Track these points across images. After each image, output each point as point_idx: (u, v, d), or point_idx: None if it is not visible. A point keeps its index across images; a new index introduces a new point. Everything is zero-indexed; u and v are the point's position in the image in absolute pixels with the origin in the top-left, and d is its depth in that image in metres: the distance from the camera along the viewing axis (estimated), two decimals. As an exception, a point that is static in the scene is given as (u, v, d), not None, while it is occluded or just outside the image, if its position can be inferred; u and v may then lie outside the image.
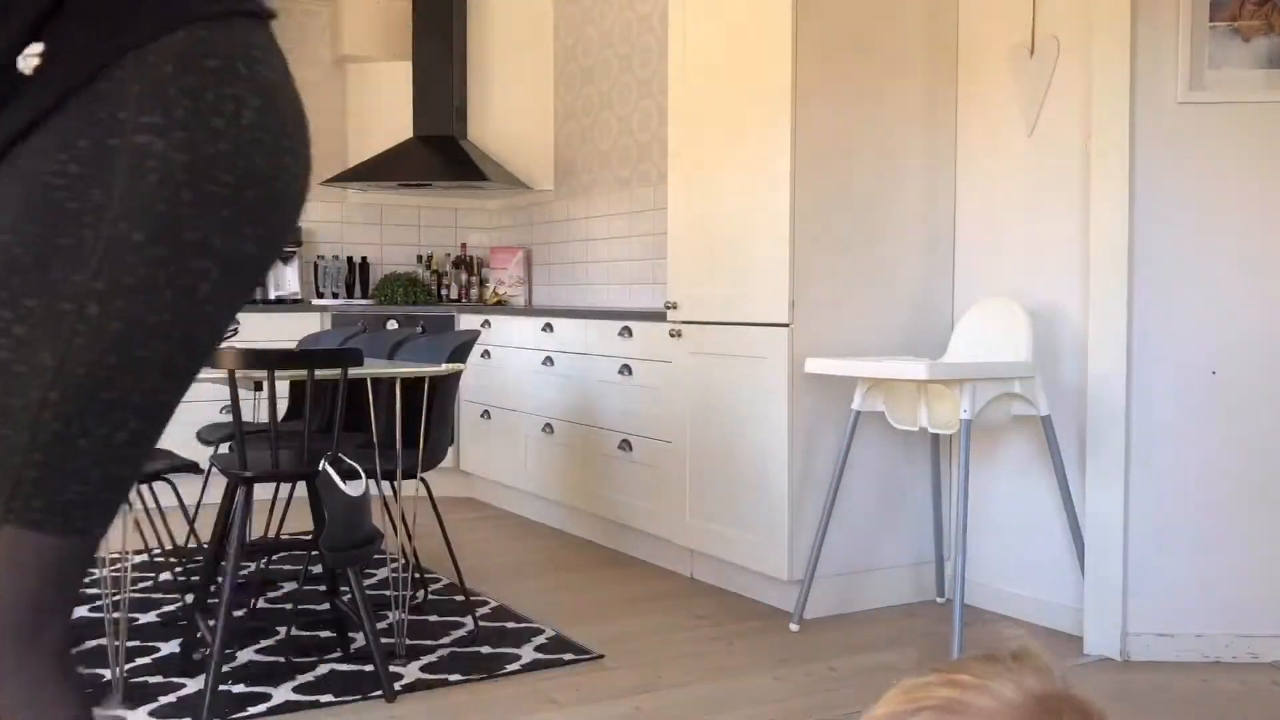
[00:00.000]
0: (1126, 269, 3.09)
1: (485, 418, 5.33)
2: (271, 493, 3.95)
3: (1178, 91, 3.05)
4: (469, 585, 3.67)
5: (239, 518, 2.83)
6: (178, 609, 3.52)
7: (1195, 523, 3.10)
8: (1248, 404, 3.07)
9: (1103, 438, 3.14)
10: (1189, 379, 3.09)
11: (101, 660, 3.01)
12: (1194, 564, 3.10)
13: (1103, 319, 3.14)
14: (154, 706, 2.73)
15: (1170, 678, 2.98)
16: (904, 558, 3.70)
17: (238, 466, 2.85)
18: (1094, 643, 3.17)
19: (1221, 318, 3.08)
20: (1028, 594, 3.49)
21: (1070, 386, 3.36)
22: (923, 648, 3.20)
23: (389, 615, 3.35)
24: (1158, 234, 3.09)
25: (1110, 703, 2.70)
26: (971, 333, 3.49)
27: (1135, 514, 3.11)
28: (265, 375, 2.79)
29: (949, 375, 3.12)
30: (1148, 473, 3.11)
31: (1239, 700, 2.82)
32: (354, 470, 2.83)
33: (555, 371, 4.75)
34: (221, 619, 2.68)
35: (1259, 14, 3.01)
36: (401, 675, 2.94)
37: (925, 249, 3.64)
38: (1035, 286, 3.45)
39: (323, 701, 2.77)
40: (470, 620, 3.43)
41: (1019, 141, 3.50)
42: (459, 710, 2.75)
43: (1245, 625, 3.09)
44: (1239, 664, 3.07)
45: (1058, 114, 3.39)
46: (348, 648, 3.15)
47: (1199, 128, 3.06)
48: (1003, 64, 3.53)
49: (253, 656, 3.10)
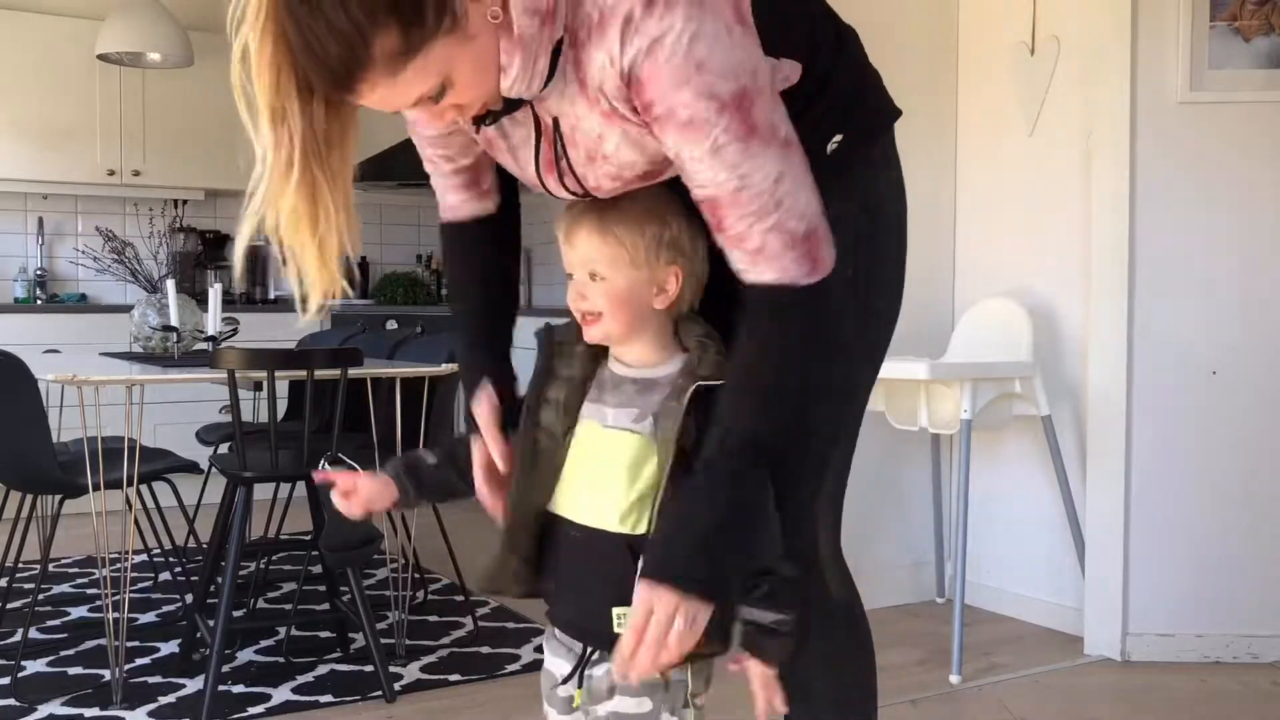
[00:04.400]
0: (1127, 269, 3.08)
1: (485, 417, 5.32)
2: (271, 493, 3.94)
3: (1178, 91, 3.05)
4: (469, 585, 3.67)
5: (239, 518, 2.83)
6: (178, 609, 3.52)
7: (1195, 523, 3.10)
8: (1248, 404, 3.07)
9: (1103, 437, 3.14)
10: (1189, 379, 3.09)
11: (101, 660, 3.01)
12: (1194, 564, 3.10)
13: (1103, 319, 3.14)
14: (154, 706, 2.73)
15: (1170, 678, 2.98)
16: (904, 558, 3.70)
17: (237, 466, 2.84)
18: (1094, 643, 3.16)
19: (1221, 318, 3.07)
20: (1028, 594, 3.49)
21: (1070, 386, 3.36)
22: (923, 648, 3.20)
23: (389, 615, 3.34)
24: (1158, 234, 3.08)
25: (1110, 703, 2.68)
26: (971, 332, 3.48)
27: (1135, 514, 3.11)
28: (265, 375, 2.79)
29: (949, 375, 3.12)
30: (1148, 473, 3.10)
31: (1239, 700, 2.82)
32: (354, 470, 2.82)
33: (555, 371, 4.74)
34: (221, 619, 2.68)
35: (1259, 14, 3.01)
36: (401, 675, 2.94)
37: (925, 249, 3.63)
38: (1035, 286, 3.45)
39: (322, 702, 2.77)
40: (470, 620, 3.43)
41: (1019, 141, 3.50)
42: (459, 710, 2.75)
43: (1245, 625, 3.08)
44: (1239, 664, 3.07)
45: (1058, 114, 3.39)
46: (348, 648, 3.15)
47: (1199, 128, 3.06)
48: (1003, 63, 3.53)
49: (253, 656, 3.10)
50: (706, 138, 1.17)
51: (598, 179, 1.31)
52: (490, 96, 1.21)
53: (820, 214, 1.25)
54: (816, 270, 1.25)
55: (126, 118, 5.48)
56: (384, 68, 1.11)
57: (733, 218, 1.23)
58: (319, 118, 1.15)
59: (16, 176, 5.32)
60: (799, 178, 1.23)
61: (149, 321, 3.57)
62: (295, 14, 1.09)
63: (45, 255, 5.64)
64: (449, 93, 1.17)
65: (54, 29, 5.32)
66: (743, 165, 1.19)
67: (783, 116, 1.23)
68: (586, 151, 1.28)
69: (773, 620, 1.29)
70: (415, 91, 1.15)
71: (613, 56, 1.16)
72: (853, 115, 1.43)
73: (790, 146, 1.22)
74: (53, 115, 5.33)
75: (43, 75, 5.31)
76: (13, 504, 3.51)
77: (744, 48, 1.18)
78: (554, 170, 1.32)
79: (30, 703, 2.74)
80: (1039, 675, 3.01)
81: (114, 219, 5.67)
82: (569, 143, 1.28)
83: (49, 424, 2.85)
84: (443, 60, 1.13)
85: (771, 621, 1.29)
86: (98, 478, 2.70)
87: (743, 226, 1.23)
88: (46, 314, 5.27)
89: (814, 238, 1.24)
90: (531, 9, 1.15)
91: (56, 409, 3.18)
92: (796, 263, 1.23)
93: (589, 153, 1.28)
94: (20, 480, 2.99)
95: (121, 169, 5.49)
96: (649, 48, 1.14)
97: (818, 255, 1.25)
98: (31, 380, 2.78)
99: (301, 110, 1.14)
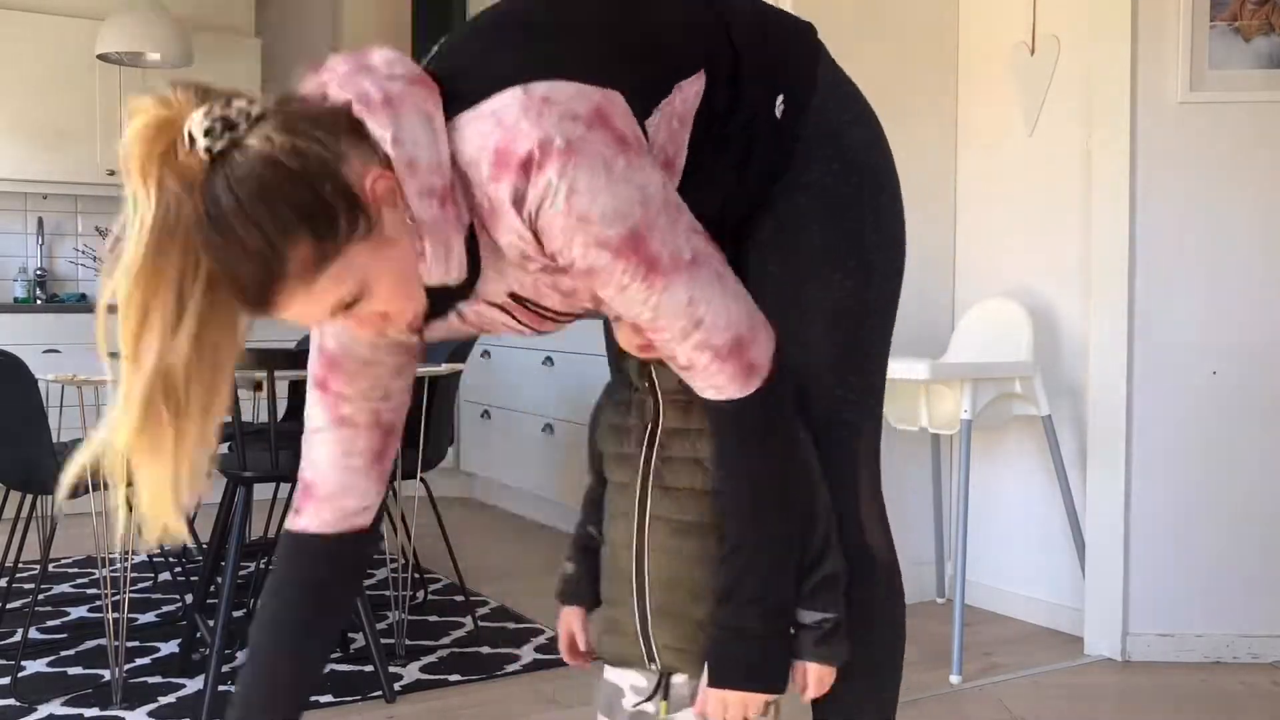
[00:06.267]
0: (1127, 269, 3.08)
1: (485, 418, 5.33)
2: (271, 493, 3.94)
3: (1178, 91, 3.05)
4: (469, 585, 3.67)
5: (239, 518, 2.83)
6: (178, 609, 3.52)
7: (1195, 522, 3.10)
8: (1248, 404, 3.07)
9: (1103, 437, 3.14)
10: (1189, 379, 3.09)
11: (101, 660, 3.01)
12: (1194, 564, 3.10)
13: (1103, 319, 3.14)
14: (154, 707, 2.73)
15: (1170, 678, 2.98)
16: (904, 558, 3.67)
17: (237, 466, 2.84)
18: (1094, 643, 3.16)
19: (1222, 318, 3.07)
20: (1028, 594, 3.49)
21: (1070, 386, 3.36)
22: (923, 648, 3.20)
23: (389, 615, 3.34)
24: (1158, 233, 3.08)
25: (1110, 703, 2.68)
26: (972, 333, 3.48)
27: (1135, 514, 3.11)
28: (265, 375, 2.79)
29: (949, 375, 3.12)
30: (1148, 472, 3.10)
31: (1239, 700, 2.82)
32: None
33: (555, 371, 4.75)
34: (221, 619, 2.68)
35: (1259, 14, 3.01)
36: (401, 675, 2.94)
37: (925, 249, 3.63)
38: (1035, 286, 3.45)
39: (322, 702, 2.77)
40: (470, 620, 3.43)
41: (1019, 141, 3.50)
42: (459, 710, 2.75)
43: (1245, 625, 3.08)
44: (1239, 664, 3.07)
45: (1058, 114, 3.39)
46: (347, 648, 3.15)
47: (1199, 128, 3.06)
48: (1003, 63, 3.53)
49: (252, 656, 3.10)
50: (610, 281, 1.20)
51: (568, 306, 1.34)
52: (416, 300, 1.21)
53: (747, 316, 1.26)
54: (752, 377, 1.27)
55: (126, 118, 5.48)
56: (298, 279, 1.10)
57: (660, 340, 1.26)
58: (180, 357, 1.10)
59: (16, 176, 5.32)
60: (713, 293, 1.24)
61: (149, 321, 3.56)
62: (208, 240, 1.07)
63: (45, 255, 5.64)
64: (368, 298, 1.15)
65: (54, 29, 5.32)
66: (650, 298, 1.21)
67: (685, 230, 1.22)
68: (561, 296, 1.30)
69: (818, 620, 1.36)
70: (331, 299, 1.13)
71: (517, 230, 1.17)
72: (782, 73, 1.38)
73: (696, 264, 1.22)
74: (53, 115, 5.33)
75: (43, 75, 5.31)
76: (13, 504, 3.51)
77: (626, 180, 1.16)
78: (542, 321, 1.36)
79: (30, 703, 2.74)
80: (1039, 675, 3.01)
81: (114, 219, 5.66)
82: (539, 297, 1.31)
83: (49, 424, 2.85)
84: (359, 266, 1.12)
85: (816, 621, 1.36)
86: (98, 478, 2.69)
87: (670, 349, 1.26)
88: (46, 314, 5.27)
89: (742, 346, 1.26)
90: (424, 191, 1.14)
91: (56, 409, 3.18)
92: (731, 379, 1.27)
93: (563, 295, 1.30)
94: (20, 480, 2.99)
95: (121, 169, 5.49)
96: (537, 210, 1.15)
97: (752, 362, 1.27)
98: (31, 380, 2.79)
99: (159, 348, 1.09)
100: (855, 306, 1.42)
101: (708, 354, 1.25)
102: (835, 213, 1.40)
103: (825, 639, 1.36)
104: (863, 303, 1.43)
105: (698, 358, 1.25)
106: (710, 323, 1.24)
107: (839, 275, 1.40)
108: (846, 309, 1.41)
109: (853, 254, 1.41)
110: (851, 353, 1.43)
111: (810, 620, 1.36)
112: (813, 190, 1.39)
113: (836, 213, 1.40)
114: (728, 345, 1.25)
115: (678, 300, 1.22)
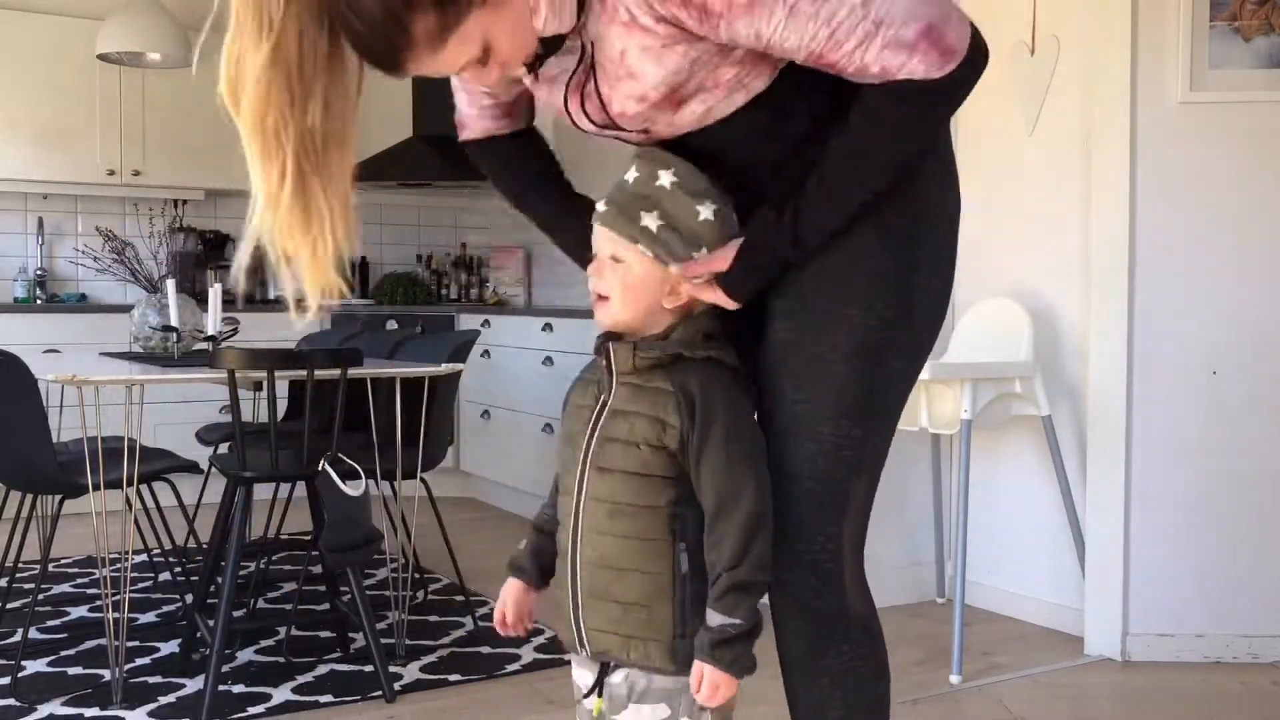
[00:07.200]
0: (1126, 269, 3.08)
1: (485, 418, 5.33)
2: (271, 493, 3.94)
3: (1178, 91, 3.05)
4: (469, 585, 3.67)
5: (238, 518, 2.83)
6: (178, 609, 3.52)
7: (1195, 523, 3.10)
8: (1248, 404, 3.07)
9: (1103, 437, 3.14)
10: (1189, 379, 3.09)
11: (101, 660, 3.01)
12: (1194, 564, 3.10)
13: (1103, 319, 3.14)
14: (154, 706, 2.73)
15: (1170, 678, 2.98)
16: (904, 558, 3.70)
17: (237, 466, 2.84)
18: (1094, 643, 3.17)
19: (1221, 318, 3.07)
20: (1028, 594, 3.49)
21: (1070, 386, 3.36)
22: (923, 648, 3.20)
23: (389, 615, 3.34)
24: (1158, 233, 3.08)
25: (1110, 703, 2.67)
26: (972, 333, 3.48)
27: (1135, 514, 3.11)
28: (265, 375, 2.79)
29: (949, 375, 3.12)
30: (1148, 473, 3.10)
31: (1239, 700, 2.82)
32: (354, 470, 2.82)
33: (555, 371, 4.75)
34: (221, 619, 2.68)
35: (1259, 14, 3.01)
36: (401, 675, 2.94)
37: (925, 249, 3.63)
38: (1035, 286, 3.45)
39: (322, 702, 2.77)
40: (470, 620, 3.43)
41: (1019, 141, 3.50)
42: (459, 710, 2.75)
43: (1245, 625, 3.08)
44: (1239, 664, 3.07)
45: (1058, 114, 3.39)
46: (347, 648, 3.15)
47: (1199, 128, 3.06)
48: (1003, 63, 3.53)
49: (252, 656, 3.10)
50: (777, 5, 1.20)
51: (622, 103, 1.34)
52: (531, 48, 1.28)
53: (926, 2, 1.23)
54: (948, 59, 1.24)
55: (126, 118, 5.48)
56: (426, 47, 1.19)
57: (842, 60, 1.24)
58: (316, 121, 1.20)
59: (16, 176, 5.32)
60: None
61: (149, 321, 3.56)
62: (342, 17, 1.16)
63: (45, 255, 5.64)
64: (492, 56, 1.24)
65: (54, 29, 5.32)
66: (822, 9, 1.20)
67: None
68: (612, 73, 1.32)
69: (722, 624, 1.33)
70: (459, 62, 1.23)
71: None
72: None
73: None
74: (53, 115, 5.33)
75: (43, 75, 5.31)
76: (13, 504, 3.51)
77: None
78: (578, 94, 1.37)
79: (30, 703, 2.74)
80: (1039, 675, 3.01)
81: (114, 219, 5.67)
82: (598, 65, 1.33)
83: (49, 424, 2.85)
84: (479, 30, 1.21)
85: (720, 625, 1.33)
86: (97, 478, 2.70)
87: (857, 61, 1.24)
88: (46, 314, 5.26)
89: (932, 31, 1.23)
90: None
91: (56, 409, 3.18)
92: (924, 62, 1.23)
93: (614, 74, 1.32)
94: (20, 480, 2.99)
95: (121, 169, 5.49)
96: None
97: (944, 44, 1.24)
98: (31, 380, 2.78)
99: (295, 117, 1.18)
100: (883, 343, 1.39)
101: (901, 52, 1.22)
102: (893, 247, 1.39)
103: (727, 643, 1.32)
104: (892, 342, 1.40)
105: (892, 59, 1.22)
106: (889, 18, 1.21)
107: (880, 306, 1.38)
108: (874, 344, 1.39)
109: (899, 291, 1.39)
110: (869, 391, 1.40)
111: (715, 623, 1.33)
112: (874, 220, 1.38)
113: (895, 247, 1.39)
114: (916, 35, 1.22)
115: (850, 5, 1.20)
